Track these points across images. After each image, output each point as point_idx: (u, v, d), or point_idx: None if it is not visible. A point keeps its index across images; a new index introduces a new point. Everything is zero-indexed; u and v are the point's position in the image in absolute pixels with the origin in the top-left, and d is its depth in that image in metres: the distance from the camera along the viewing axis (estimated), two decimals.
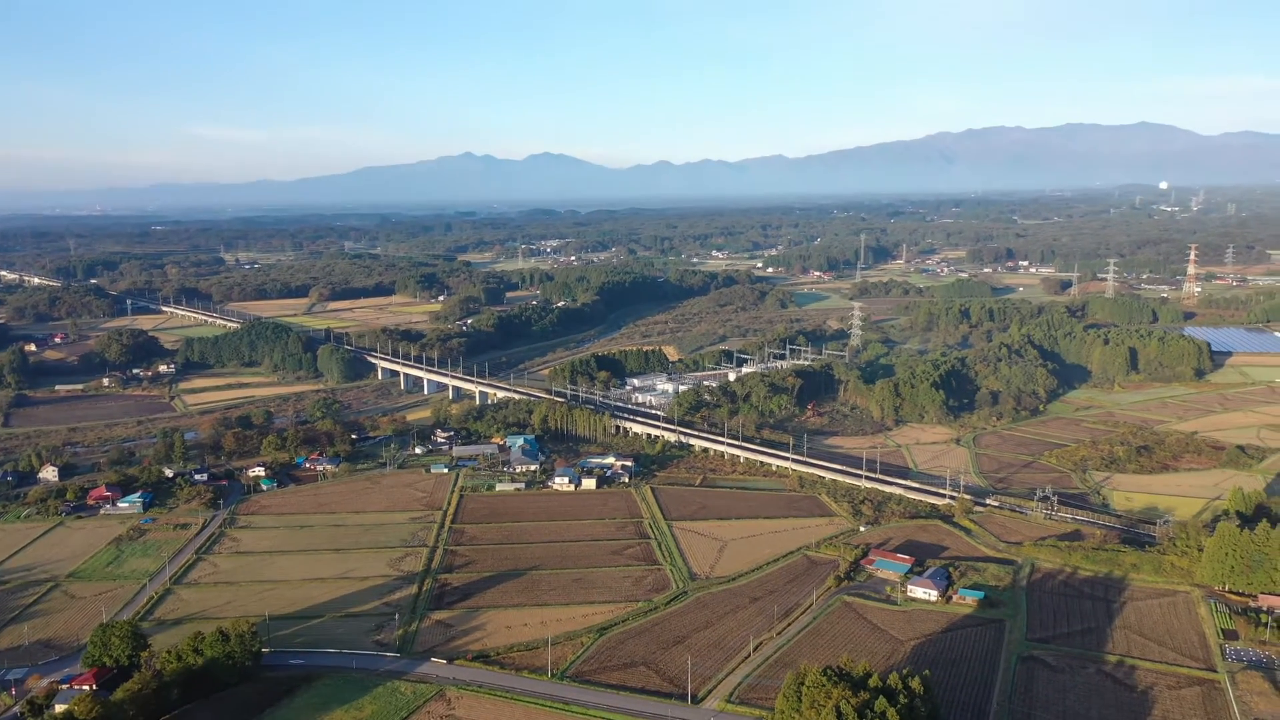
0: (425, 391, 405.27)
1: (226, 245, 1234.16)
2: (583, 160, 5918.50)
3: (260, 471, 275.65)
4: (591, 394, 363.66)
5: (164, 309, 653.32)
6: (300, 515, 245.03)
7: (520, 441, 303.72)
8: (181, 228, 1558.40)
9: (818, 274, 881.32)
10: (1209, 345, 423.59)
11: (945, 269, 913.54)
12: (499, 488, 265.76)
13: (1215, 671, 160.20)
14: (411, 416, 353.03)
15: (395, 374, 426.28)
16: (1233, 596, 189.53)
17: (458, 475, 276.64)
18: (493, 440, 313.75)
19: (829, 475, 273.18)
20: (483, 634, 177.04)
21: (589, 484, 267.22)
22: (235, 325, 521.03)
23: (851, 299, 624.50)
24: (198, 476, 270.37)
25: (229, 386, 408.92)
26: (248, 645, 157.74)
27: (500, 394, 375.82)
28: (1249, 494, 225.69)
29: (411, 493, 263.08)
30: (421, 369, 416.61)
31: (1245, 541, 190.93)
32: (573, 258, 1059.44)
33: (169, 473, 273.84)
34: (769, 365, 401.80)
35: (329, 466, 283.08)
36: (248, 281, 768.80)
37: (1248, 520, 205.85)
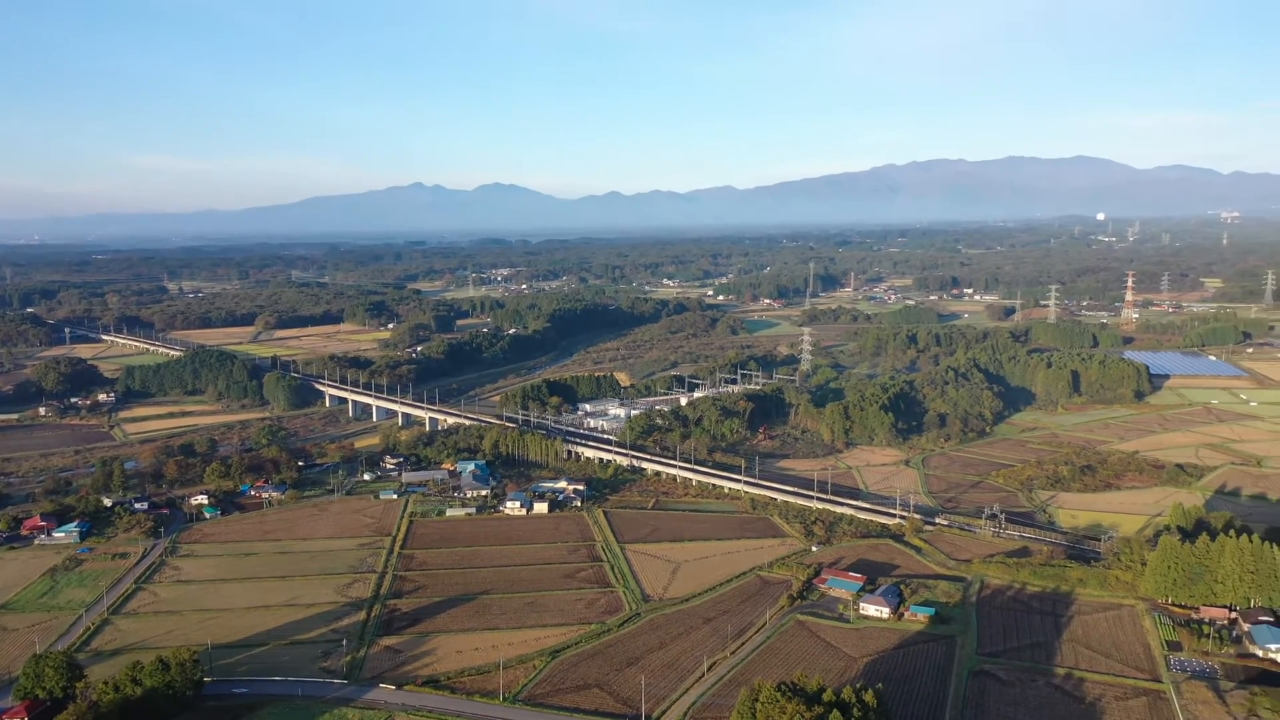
0: (374, 418, 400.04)
1: (170, 274, 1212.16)
2: (533, 190, 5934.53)
3: (203, 499, 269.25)
4: (543, 419, 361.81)
5: (104, 337, 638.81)
6: (245, 543, 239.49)
7: (471, 467, 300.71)
8: (123, 257, 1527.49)
9: (768, 301, 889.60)
10: (1148, 368, 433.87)
11: (892, 296, 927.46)
12: (449, 513, 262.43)
13: (1160, 682, 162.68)
14: (360, 443, 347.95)
15: (343, 401, 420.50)
16: (1175, 609, 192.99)
17: (407, 501, 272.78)
18: (443, 466, 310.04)
19: (781, 497, 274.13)
20: (433, 659, 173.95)
21: (541, 508, 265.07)
22: (178, 353, 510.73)
23: (801, 325, 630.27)
24: (138, 505, 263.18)
25: (171, 415, 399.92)
26: (189, 674, 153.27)
27: (451, 420, 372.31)
28: (1189, 509, 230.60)
29: (360, 519, 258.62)
30: (370, 396, 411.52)
31: (1186, 555, 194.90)
32: (524, 286, 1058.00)
33: (107, 502, 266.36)
34: (720, 390, 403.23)
35: (275, 494, 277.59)
36: (191, 310, 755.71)
37: (1188, 535, 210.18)
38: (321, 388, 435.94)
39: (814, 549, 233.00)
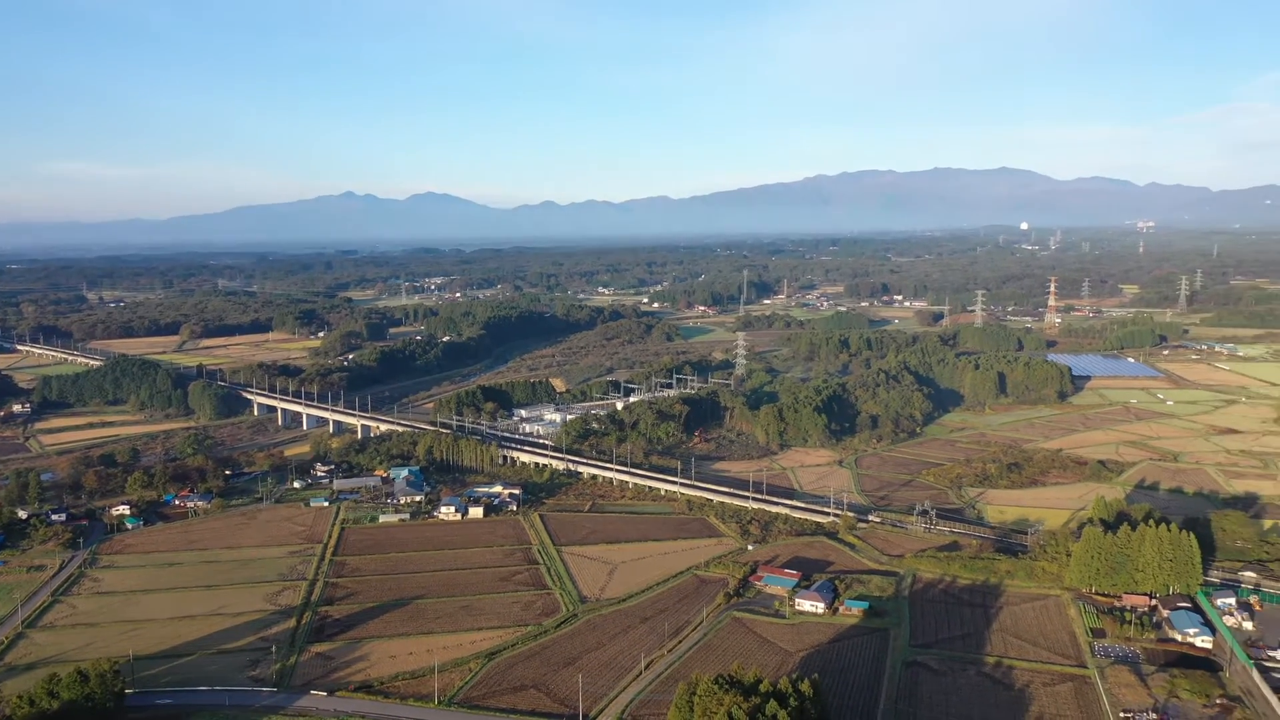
0: (305, 427, 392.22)
1: (90, 283, 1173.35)
2: (467, 200, 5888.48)
3: (125, 510, 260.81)
4: (478, 425, 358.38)
5: (19, 347, 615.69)
6: (169, 553, 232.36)
7: (405, 473, 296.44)
8: (40, 266, 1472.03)
9: (702, 308, 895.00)
10: (1070, 370, 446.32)
11: (825, 303, 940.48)
12: (383, 519, 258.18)
13: (1086, 668, 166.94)
14: (290, 452, 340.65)
15: (273, 410, 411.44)
16: (1099, 597, 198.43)
17: (339, 508, 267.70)
18: (376, 473, 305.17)
19: (717, 498, 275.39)
20: (366, 664, 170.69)
21: (476, 512, 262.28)
22: (98, 363, 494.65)
23: (735, 331, 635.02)
24: (55, 517, 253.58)
25: (91, 426, 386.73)
26: (109, 686, 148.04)
27: (384, 427, 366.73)
28: (1110, 502, 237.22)
29: (290, 527, 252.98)
30: (300, 404, 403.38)
31: (1109, 545, 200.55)
32: (458, 294, 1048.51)
33: (22, 514, 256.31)
34: (656, 394, 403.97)
35: (200, 503, 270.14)
36: (113, 319, 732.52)
37: (1110, 526, 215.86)
38: (250, 396, 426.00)
39: (750, 548, 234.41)
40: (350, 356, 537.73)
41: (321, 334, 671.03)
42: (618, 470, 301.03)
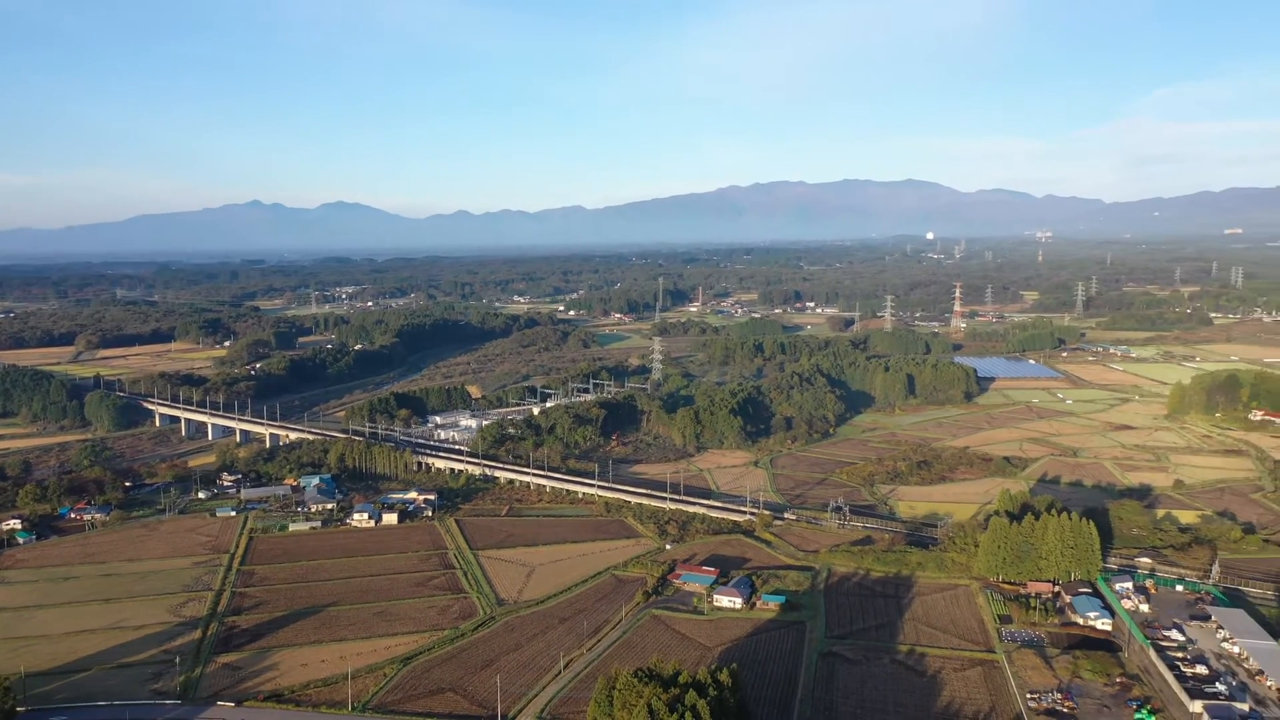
0: (210, 437, 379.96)
1: None
2: (379, 209, 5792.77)
3: (15, 524, 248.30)
4: (391, 431, 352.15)
5: None
6: (64, 567, 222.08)
7: (316, 481, 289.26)
8: None
9: (619, 316, 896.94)
10: (975, 371, 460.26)
11: (739, 310, 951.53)
12: (293, 527, 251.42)
13: (994, 652, 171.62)
14: (195, 462, 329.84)
15: (176, 420, 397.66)
16: (1006, 585, 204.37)
17: (246, 518, 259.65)
18: (286, 482, 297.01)
19: (635, 499, 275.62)
20: (276, 673, 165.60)
21: (390, 519, 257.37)
22: None
23: (652, 337, 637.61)
24: None
25: None
26: None
27: (293, 435, 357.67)
28: (1015, 495, 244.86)
29: (195, 538, 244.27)
30: (205, 413, 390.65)
31: (1014, 535, 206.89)
32: (370, 303, 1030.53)
33: None
34: (573, 399, 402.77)
35: (99, 515, 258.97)
36: (2, 329, 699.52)
37: (1015, 517, 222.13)
38: (151, 406, 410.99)
39: (668, 547, 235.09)
40: (258, 366, 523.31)
41: (227, 343, 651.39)
42: (535, 474, 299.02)
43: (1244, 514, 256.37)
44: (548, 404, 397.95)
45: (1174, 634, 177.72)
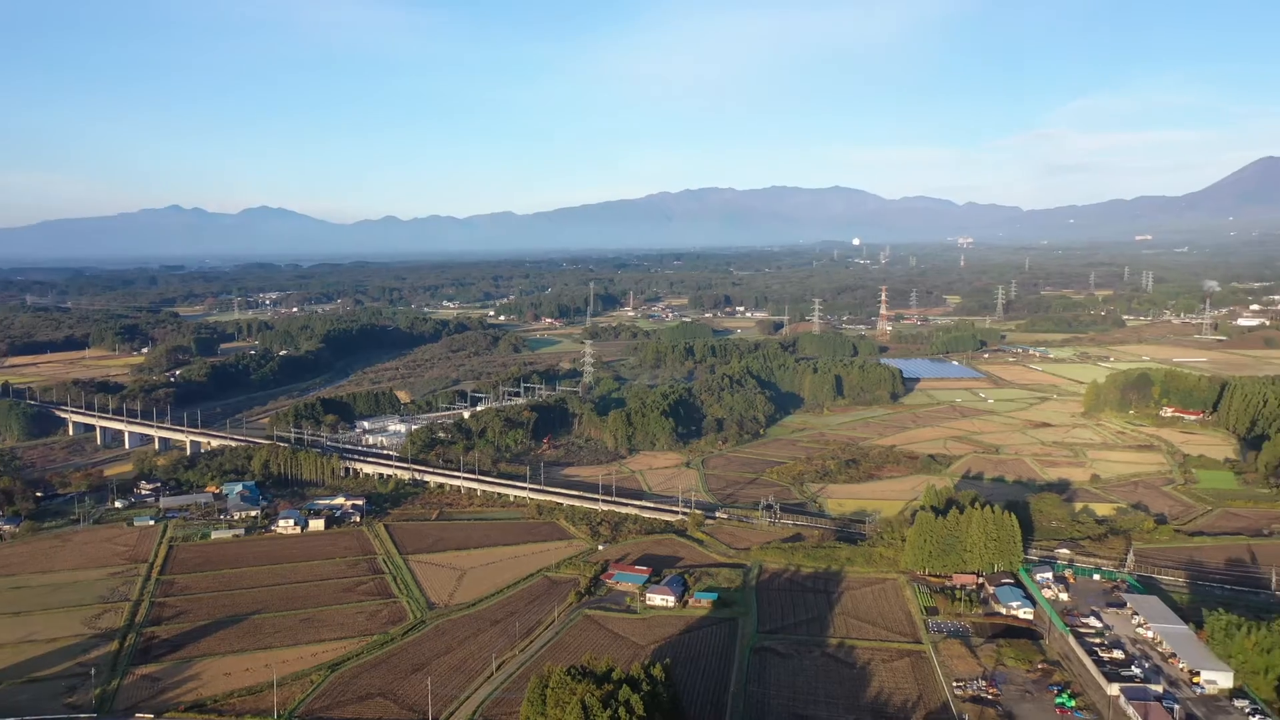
0: (127, 446, 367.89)
1: None
2: (304, 215, 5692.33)
3: None
4: (318, 437, 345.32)
5: None
6: None
7: (239, 488, 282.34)
8: None
9: (549, 321, 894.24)
10: (901, 372, 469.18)
11: (670, 314, 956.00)
12: (215, 535, 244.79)
13: (921, 643, 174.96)
14: (111, 471, 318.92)
15: (91, 429, 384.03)
16: (932, 578, 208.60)
17: (166, 526, 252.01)
18: (207, 489, 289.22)
19: (567, 501, 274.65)
20: (198, 683, 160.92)
21: (317, 525, 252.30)
22: None
23: (583, 342, 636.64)
24: None
25: None
26: None
27: (215, 443, 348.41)
28: (940, 490, 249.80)
29: (111, 548, 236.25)
30: (122, 421, 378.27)
31: (939, 528, 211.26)
32: (295, 309, 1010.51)
33: None
34: (504, 403, 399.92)
35: (8, 526, 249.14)
36: None
37: (940, 512, 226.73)
38: (64, 415, 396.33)
39: (601, 548, 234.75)
40: (178, 372, 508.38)
41: (145, 350, 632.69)
42: (465, 478, 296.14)
43: (1156, 506, 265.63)
44: (478, 408, 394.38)
45: (1092, 621, 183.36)
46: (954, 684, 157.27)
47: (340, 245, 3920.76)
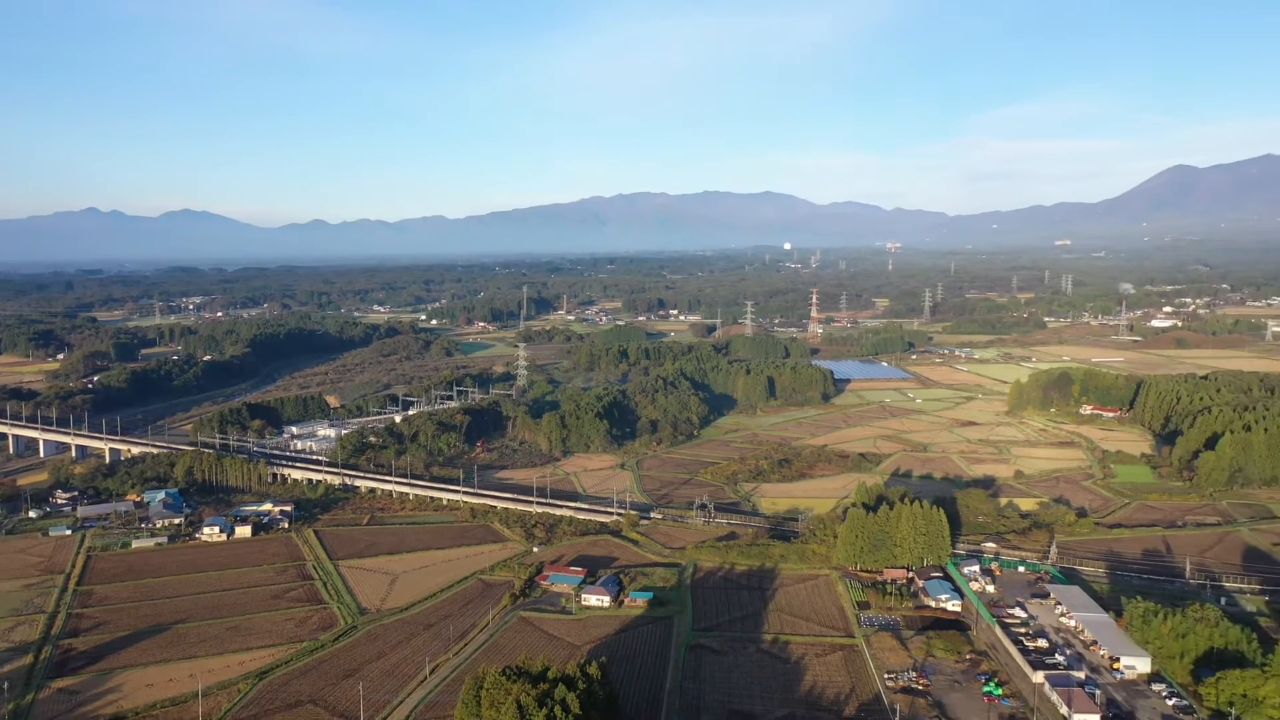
0: (42, 454, 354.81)
1: None
2: (229, 218, 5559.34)
3: None
4: (244, 442, 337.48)
5: None
6: None
7: (161, 495, 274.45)
8: None
9: (482, 324, 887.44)
10: (832, 374, 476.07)
11: (604, 318, 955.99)
12: (136, 544, 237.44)
13: (853, 637, 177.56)
14: (24, 480, 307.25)
15: (3, 436, 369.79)
16: (864, 573, 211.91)
17: (84, 536, 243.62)
18: (128, 497, 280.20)
19: (501, 504, 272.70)
20: (118, 695, 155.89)
21: (244, 532, 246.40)
22: None
23: (516, 345, 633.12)
24: None
25: None
26: None
27: (136, 450, 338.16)
28: (870, 487, 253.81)
29: (24, 559, 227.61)
30: (36, 428, 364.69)
31: (870, 524, 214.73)
32: (219, 313, 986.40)
33: None
34: (437, 407, 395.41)
35: None
36: None
37: (871, 509, 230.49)
38: None
39: (535, 550, 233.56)
40: (96, 378, 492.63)
41: (61, 356, 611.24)
42: (397, 482, 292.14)
43: (1077, 500, 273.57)
44: (410, 412, 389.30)
45: (1017, 611, 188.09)
46: (885, 676, 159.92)
47: (266, 249, 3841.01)
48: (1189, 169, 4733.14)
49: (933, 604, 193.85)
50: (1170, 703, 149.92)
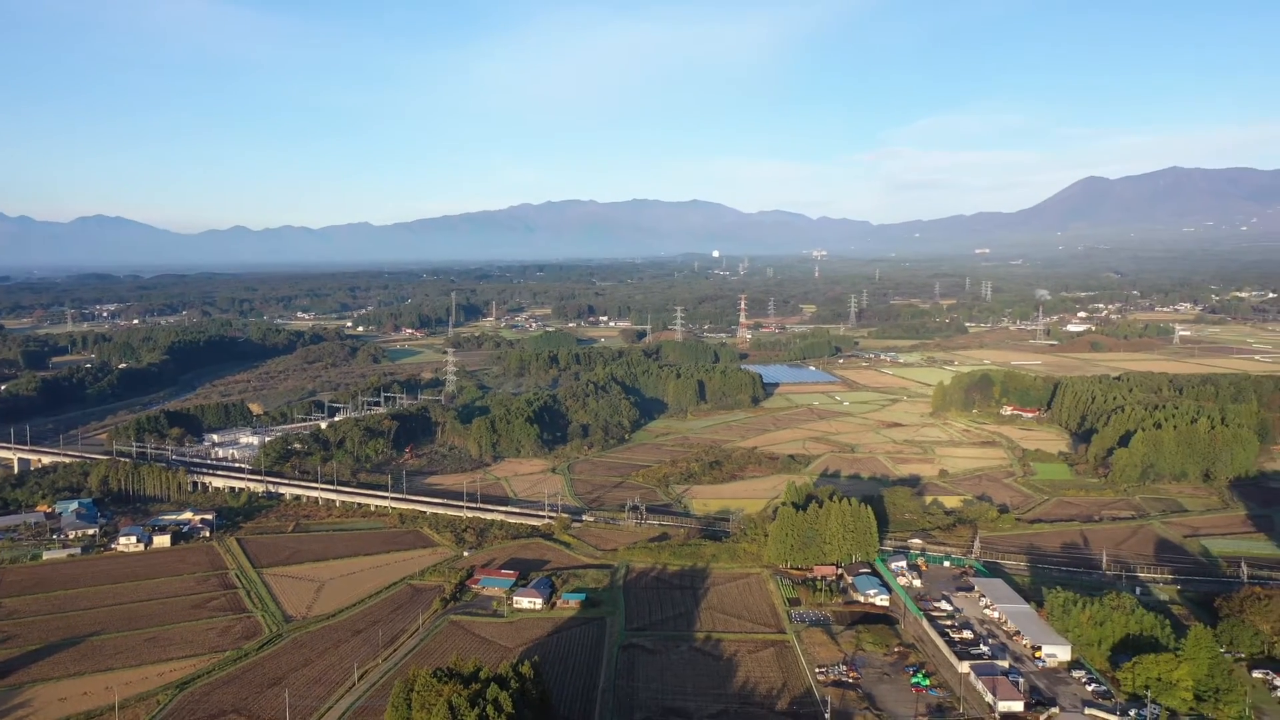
0: None
1: None
2: (145, 224, 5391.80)
3: None
4: (163, 451, 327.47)
5: None
6: None
7: (74, 505, 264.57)
8: None
9: (410, 331, 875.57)
10: (761, 378, 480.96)
11: (533, 324, 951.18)
12: (47, 556, 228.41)
13: (784, 633, 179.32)
14: None
15: None
16: (794, 571, 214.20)
17: None
18: (38, 508, 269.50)
19: (430, 509, 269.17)
20: (28, 710, 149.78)
21: (162, 541, 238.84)
22: None
23: (445, 351, 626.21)
24: None
25: None
26: None
27: (47, 459, 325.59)
28: (800, 486, 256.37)
29: None
30: None
31: (800, 522, 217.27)
32: (136, 321, 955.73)
33: None
34: (364, 413, 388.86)
35: None
36: None
37: (800, 507, 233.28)
38: None
39: (466, 554, 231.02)
40: (3, 387, 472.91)
41: None
42: (323, 489, 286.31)
43: (999, 497, 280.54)
44: (336, 418, 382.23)
45: (943, 604, 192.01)
46: (816, 670, 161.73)
47: (185, 256, 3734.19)
48: (1101, 180, 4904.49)
49: (862, 599, 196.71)
50: (1090, 688, 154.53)
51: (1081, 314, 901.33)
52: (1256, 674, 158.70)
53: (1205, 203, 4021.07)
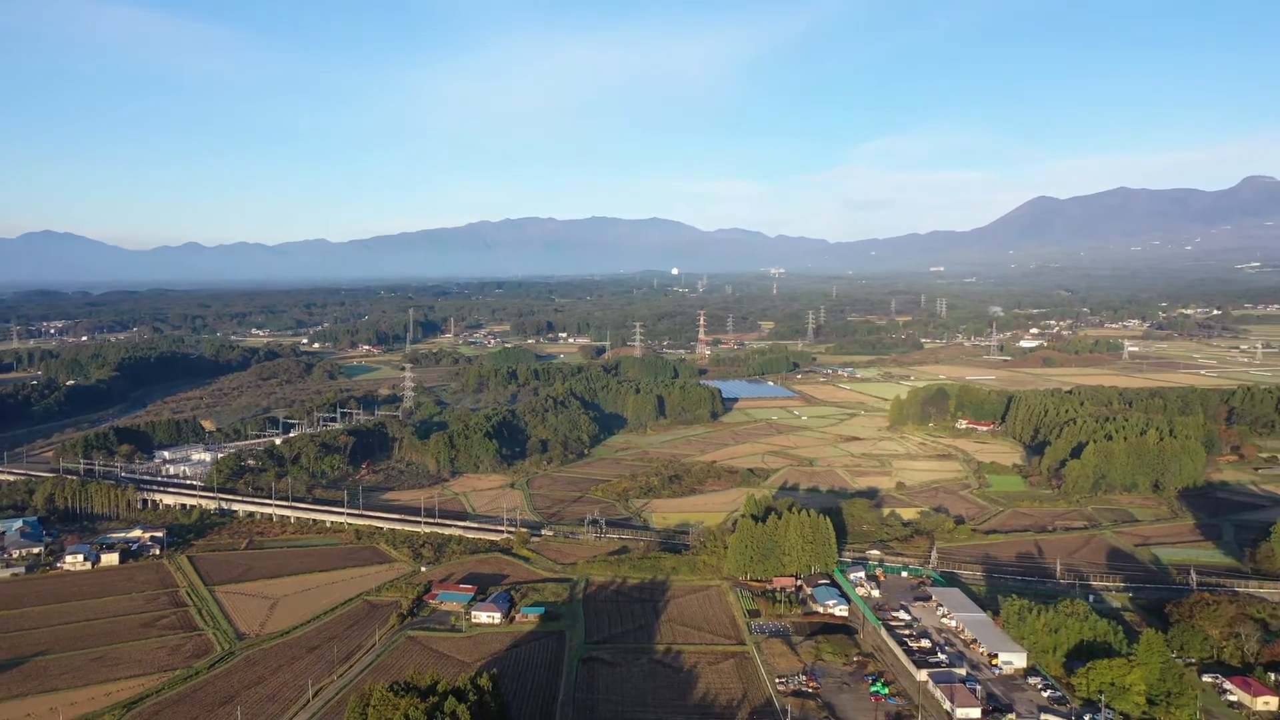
0: None
1: None
2: (95, 240, 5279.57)
3: None
4: (112, 468, 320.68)
5: None
6: None
7: (18, 524, 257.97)
8: None
9: (367, 348, 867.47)
10: (720, 393, 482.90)
11: (492, 340, 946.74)
12: None
13: (744, 644, 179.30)
14: None
15: None
16: (754, 583, 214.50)
17: None
18: None
19: (387, 525, 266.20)
20: None
21: (110, 559, 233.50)
22: None
23: (402, 368, 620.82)
24: None
25: None
26: None
27: None
28: (759, 499, 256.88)
29: None
30: None
31: (760, 534, 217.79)
32: (85, 337, 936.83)
33: None
34: (320, 429, 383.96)
35: None
36: None
37: (760, 519, 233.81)
38: None
39: (424, 569, 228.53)
40: None
41: None
42: (278, 505, 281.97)
43: (955, 508, 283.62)
44: (291, 434, 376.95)
45: (901, 614, 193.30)
46: (776, 680, 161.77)
47: (137, 272, 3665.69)
48: (1051, 200, 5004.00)
49: (821, 610, 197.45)
50: (1045, 694, 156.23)
51: (1034, 330, 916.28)
52: (1206, 678, 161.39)
53: (1152, 223, 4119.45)
